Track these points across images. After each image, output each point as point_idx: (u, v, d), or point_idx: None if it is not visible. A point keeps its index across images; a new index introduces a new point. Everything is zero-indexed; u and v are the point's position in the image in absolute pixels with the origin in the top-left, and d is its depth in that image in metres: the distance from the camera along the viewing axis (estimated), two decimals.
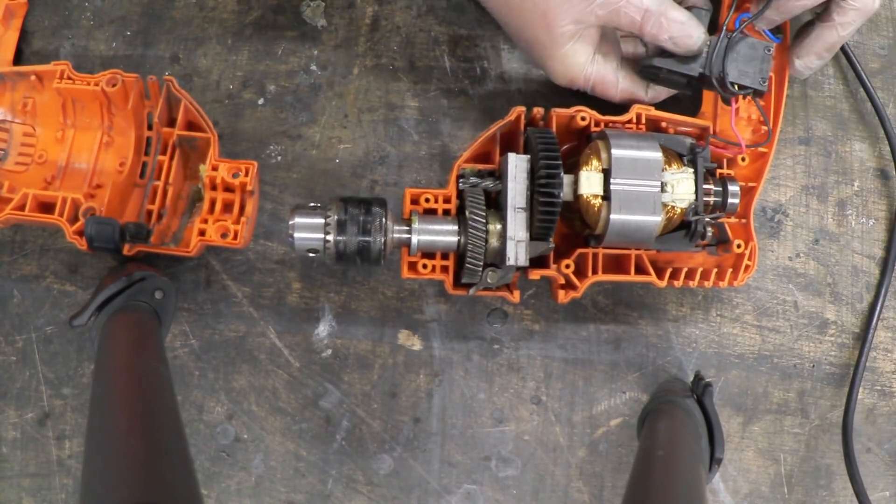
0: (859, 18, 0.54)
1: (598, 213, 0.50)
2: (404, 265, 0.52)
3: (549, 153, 0.49)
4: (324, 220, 0.49)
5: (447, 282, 0.53)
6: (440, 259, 0.53)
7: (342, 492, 0.60)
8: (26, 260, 0.61)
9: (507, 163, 0.50)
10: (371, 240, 0.49)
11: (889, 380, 0.62)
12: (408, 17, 0.64)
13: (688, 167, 0.52)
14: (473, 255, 0.50)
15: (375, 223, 0.49)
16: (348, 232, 0.49)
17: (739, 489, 0.61)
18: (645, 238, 0.51)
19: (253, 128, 0.62)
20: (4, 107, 0.59)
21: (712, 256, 0.58)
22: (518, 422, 0.61)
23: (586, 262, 0.53)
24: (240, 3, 0.64)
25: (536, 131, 0.51)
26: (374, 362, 0.61)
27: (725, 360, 0.62)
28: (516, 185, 0.50)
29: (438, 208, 0.53)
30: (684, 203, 0.51)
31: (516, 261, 0.50)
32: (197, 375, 0.60)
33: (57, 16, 0.64)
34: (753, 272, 0.55)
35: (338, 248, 0.49)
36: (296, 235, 0.49)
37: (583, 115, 0.53)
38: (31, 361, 0.60)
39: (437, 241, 0.51)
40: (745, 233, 0.56)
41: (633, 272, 0.54)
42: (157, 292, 0.57)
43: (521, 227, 0.50)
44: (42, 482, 0.59)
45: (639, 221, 0.50)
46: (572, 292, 0.54)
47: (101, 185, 0.57)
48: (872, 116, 0.64)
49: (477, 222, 0.50)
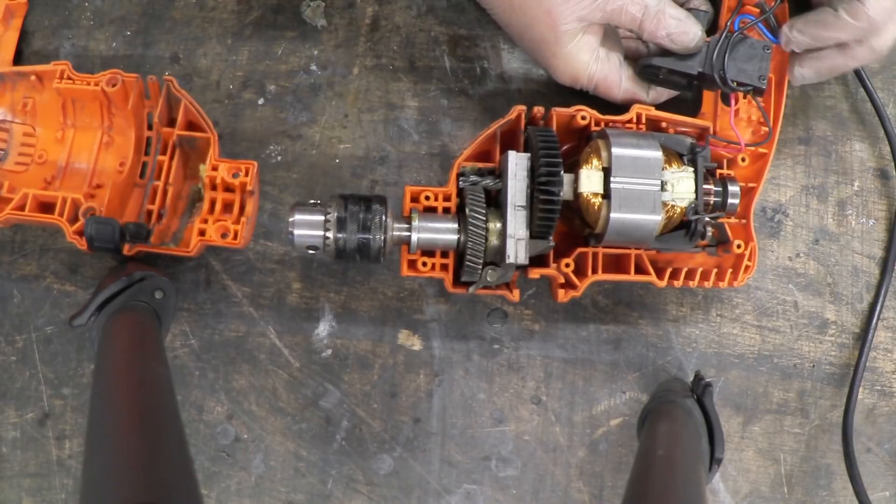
0: (869, 57, 0.54)
1: (598, 211, 0.50)
2: (404, 263, 0.52)
3: (550, 152, 0.49)
4: (324, 218, 0.49)
5: (447, 280, 0.53)
6: (440, 257, 0.53)
7: (342, 492, 0.60)
8: (26, 260, 0.61)
9: (508, 161, 0.50)
10: (371, 237, 0.49)
11: (889, 380, 0.62)
12: (408, 17, 0.64)
13: (688, 166, 0.52)
14: (473, 253, 0.50)
15: (375, 220, 0.49)
16: (348, 229, 0.49)
17: (739, 489, 0.61)
18: (645, 237, 0.51)
19: (253, 128, 0.62)
20: (4, 107, 0.59)
21: (712, 257, 0.58)
22: (518, 422, 0.61)
23: (586, 261, 0.53)
24: (240, 3, 0.64)
25: (537, 130, 0.51)
26: (374, 362, 0.61)
27: (725, 360, 0.62)
28: (516, 182, 0.50)
29: (438, 206, 0.53)
30: (684, 202, 0.51)
31: (516, 259, 0.50)
32: (197, 375, 0.60)
33: (57, 16, 0.64)
34: (753, 273, 0.55)
35: (337, 246, 0.49)
36: (296, 232, 0.49)
37: (583, 114, 0.53)
38: (31, 361, 0.60)
39: (436, 239, 0.51)
40: (745, 233, 0.56)
41: (633, 272, 0.54)
42: (157, 292, 0.57)
43: (521, 225, 0.50)
44: (42, 482, 0.59)
45: (638, 220, 0.50)
46: (572, 291, 0.54)
47: (101, 185, 0.57)
48: (872, 116, 0.64)
49: (477, 220, 0.50)
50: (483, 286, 0.52)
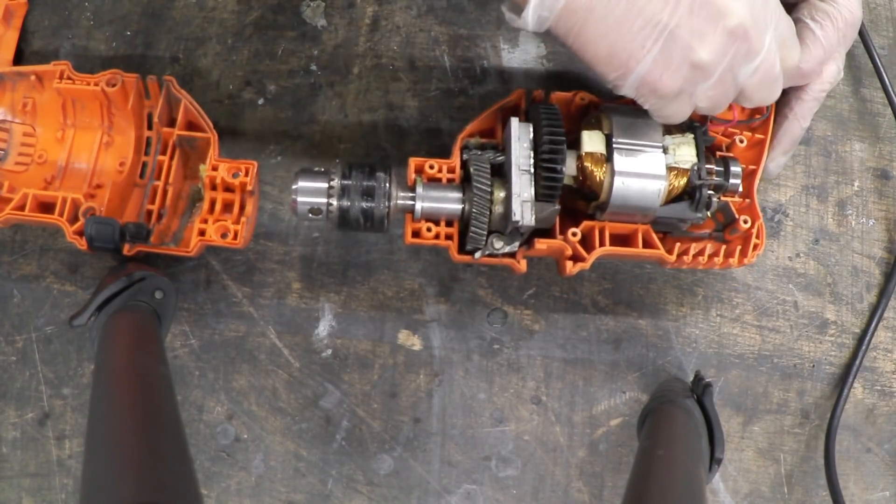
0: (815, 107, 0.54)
1: (602, 180, 0.50)
2: (408, 231, 0.52)
3: (553, 122, 0.49)
4: (328, 185, 0.49)
5: (451, 248, 0.52)
6: (445, 227, 0.52)
7: (342, 492, 0.60)
8: (26, 260, 0.61)
9: (511, 127, 0.50)
10: (374, 204, 0.49)
11: (889, 380, 0.62)
12: (408, 16, 0.64)
13: (687, 132, 0.52)
14: (478, 220, 0.50)
15: (380, 188, 0.49)
16: (352, 196, 0.49)
17: (739, 489, 0.61)
18: (650, 203, 0.50)
19: (253, 128, 0.62)
20: (4, 107, 0.59)
21: (719, 244, 0.57)
22: (518, 422, 0.61)
23: (593, 235, 0.53)
24: (240, 3, 0.64)
25: (540, 106, 0.51)
26: (374, 362, 0.61)
27: (725, 360, 0.62)
28: (520, 145, 0.50)
29: (443, 177, 0.53)
30: (686, 164, 0.51)
31: (522, 218, 0.49)
32: (197, 375, 0.60)
33: (57, 16, 0.64)
34: (762, 250, 0.54)
35: (341, 212, 0.49)
36: (299, 199, 0.49)
37: (581, 96, 0.54)
38: (31, 361, 0.60)
39: (441, 208, 0.51)
40: (751, 212, 0.56)
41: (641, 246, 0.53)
42: (157, 292, 0.57)
43: (527, 187, 0.49)
44: (42, 482, 0.59)
45: (643, 184, 0.50)
46: (580, 264, 0.52)
47: (101, 185, 0.57)
48: (872, 116, 0.64)
49: (482, 185, 0.49)
50: (489, 253, 0.51)
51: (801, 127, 0.55)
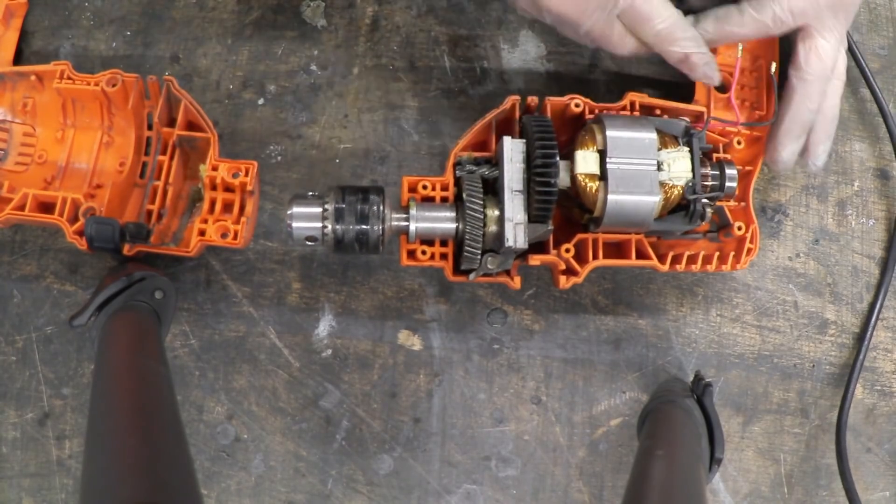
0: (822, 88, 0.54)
1: (596, 194, 0.50)
2: (403, 253, 0.52)
3: (545, 136, 0.49)
4: (321, 209, 0.49)
5: (447, 269, 0.53)
6: (439, 246, 0.53)
7: (342, 492, 0.60)
8: (26, 260, 0.61)
9: (504, 146, 0.50)
10: (369, 227, 0.49)
11: (889, 380, 0.62)
12: (408, 17, 0.64)
13: (683, 147, 0.52)
14: (472, 239, 0.50)
15: (373, 211, 0.49)
16: (346, 220, 0.49)
17: (739, 489, 0.61)
18: (644, 219, 0.51)
19: (253, 128, 0.62)
20: (4, 107, 0.59)
21: (714, 244, 0.57)
22: (518, 422, 0.61)
23: (586, 247, 0.53)
24: (240, 3, 0.64)
25: (532, 118, 0.51)
26: (374, 362, 0.61)
27: (725, 360, 0.62)
28: (513, 167, 0.50)
29: (436, 196, 0.53)
30: (681, 181, 0.51)
31: (515, 242, 0.49)
32: (197, 375, 0.60)
33: (57, 16, 0.64)
34: (755, 255, 0.54)
35: (336, 237, 0.49)
36: (294, 224, 0.49)
37: (576, 101, 0.53)
38: (31, 361, 0.60)
39: (435, 228, 0.51)
40: (746, 216, 0.56)
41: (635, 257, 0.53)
42: (157, 292, 0.57)
43: (520, 209, 0.50)
44: (42, 482, 0.59)
45: (636, 201, 0.50)
46: (574, 277, 0.53)
47: (101, 185, 0.57)
48: (872, 116, 0.64)
49: (474, 207, 0.50)
50: (483, 273, 0.51)
51: (808, 109, 0.54)
